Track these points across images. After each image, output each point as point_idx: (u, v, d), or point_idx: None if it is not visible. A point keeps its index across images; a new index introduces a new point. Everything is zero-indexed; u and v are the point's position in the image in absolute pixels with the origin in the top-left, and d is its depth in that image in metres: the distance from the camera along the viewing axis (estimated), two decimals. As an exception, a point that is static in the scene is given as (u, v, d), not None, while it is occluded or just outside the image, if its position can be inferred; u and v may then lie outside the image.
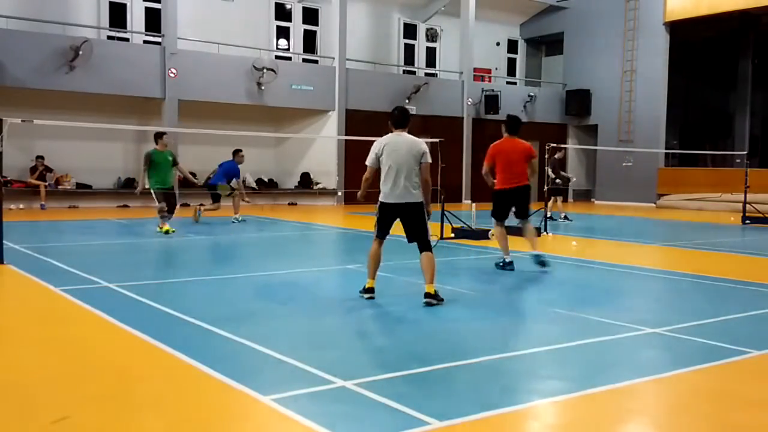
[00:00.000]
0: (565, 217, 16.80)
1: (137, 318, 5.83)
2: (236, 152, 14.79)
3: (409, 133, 6.82)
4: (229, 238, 12.37)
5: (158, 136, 12.37)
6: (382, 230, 6.81)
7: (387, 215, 6.76)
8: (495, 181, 8.90)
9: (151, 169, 12.08)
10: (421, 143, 6.72)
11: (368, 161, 6.75)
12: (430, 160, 6.70)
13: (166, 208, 12.10)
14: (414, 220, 6.69)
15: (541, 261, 8.79)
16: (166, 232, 11.84)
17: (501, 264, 8.86)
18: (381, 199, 6.74)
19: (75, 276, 7.91)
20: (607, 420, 3.84)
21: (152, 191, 12.17)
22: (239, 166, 14.84)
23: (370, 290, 6.74)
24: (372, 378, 4.33)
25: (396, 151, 6.61)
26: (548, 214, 14.24)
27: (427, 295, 6.52)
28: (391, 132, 6.78)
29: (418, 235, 6.72)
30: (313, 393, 4.05)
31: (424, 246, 6.69)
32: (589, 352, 5.15)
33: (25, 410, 3.77)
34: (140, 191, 12.53)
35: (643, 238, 13.40)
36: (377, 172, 6.77)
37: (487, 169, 8.91)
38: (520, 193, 8.90)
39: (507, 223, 9.08)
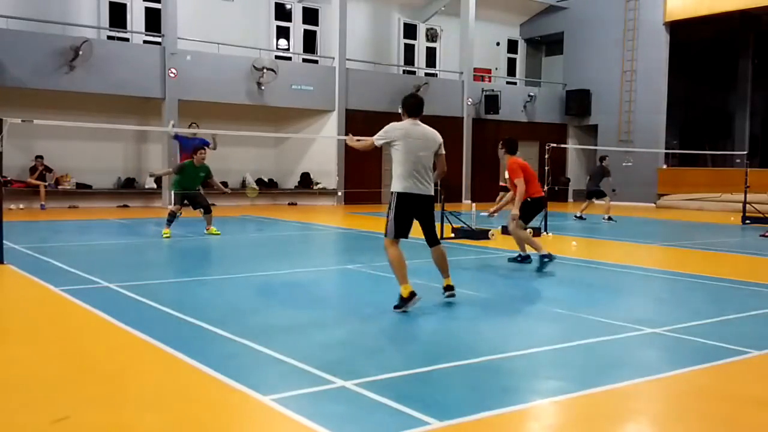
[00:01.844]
0: (580, 217, 17.61)
1: (137, 318, 5.82)
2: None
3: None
4: (229, 238, 12.36)
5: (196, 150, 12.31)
6: (403, 228, 6.37)
7: (407, 209, 6.37)
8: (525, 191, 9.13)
9: (179, 175, 12.07)
10: (437, 133, 6.59)
11: (377, 140, 6.45)
12: (444, 151, 6.63)
13: (179, 211, 12.14)
14: (430, 213, 6.55)
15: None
16: (168, 233, 11.90)
17: (546, 259, 8.98)
18: (401, 190, 6.31)
19: (75, 276, 7.91)
20: (607, 420, 3.84)
21: (173, 192, 12.23)
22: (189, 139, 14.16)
23: (413, 295, 6.15)
24: (372, 378, 4.32)
25: (417, 140, 6.39)
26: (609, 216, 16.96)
27: (448, 287, 6.55)
28: (404, 119, 6.52)
29: (431, 229, 6.61)
30: (313, 393, 4.04)
31: (435, 240, 6.61)
32: (589, 352, 5.15)
33: (25, 410, 3.77)
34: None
35: (643, 238, 13.40)
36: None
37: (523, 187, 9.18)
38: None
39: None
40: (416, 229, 6.49)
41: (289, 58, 22.92)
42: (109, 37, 19.79)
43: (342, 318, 6.16)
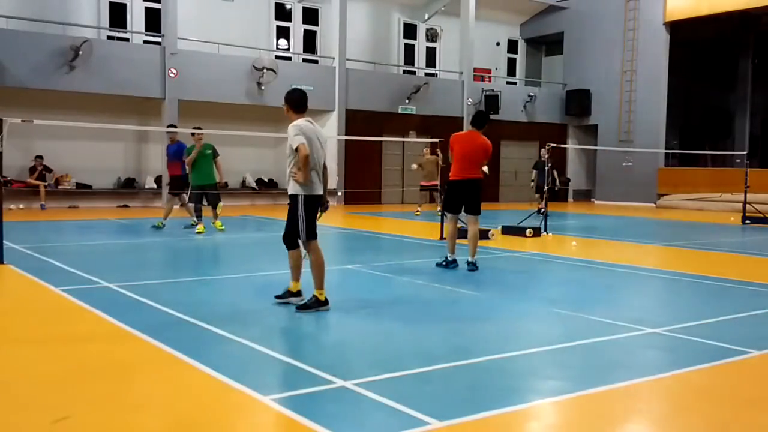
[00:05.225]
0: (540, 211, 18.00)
1: (137, 318, 5.82)
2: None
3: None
4: (229, 238, 12.36)
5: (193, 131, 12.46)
6: (315, 228, 6.47)
7: (314, 210, 6.47)
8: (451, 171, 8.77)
9: (191, 165, 12.15)
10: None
11: (302, 141, 6.11)
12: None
13: (199, 207, 12.31)
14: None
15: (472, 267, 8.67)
16: (199, 232, 12.27)
17: (443, 263, 8.78)
18: (312, 192, 6.32)
19: (75, 276, 7.91)
20: (607, 420, 3.84)
21: (190, 190, 12.40)
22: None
23: (299, 294, 6.43)
24: (372, 378, 4.32)
25: (319, 140, 6.39)
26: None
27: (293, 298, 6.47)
28: (293, 117, 6.36)
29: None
30: (313, 393, 4.05)
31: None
32: (589, 352, 5.15)
33: (25, 410, 3.77)
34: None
35: (643, 238, 13.40)
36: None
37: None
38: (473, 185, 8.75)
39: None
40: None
41: (289, 58, 22.92)
42: (109, 37, 19.79)
43: (342, 318, 6.15)
